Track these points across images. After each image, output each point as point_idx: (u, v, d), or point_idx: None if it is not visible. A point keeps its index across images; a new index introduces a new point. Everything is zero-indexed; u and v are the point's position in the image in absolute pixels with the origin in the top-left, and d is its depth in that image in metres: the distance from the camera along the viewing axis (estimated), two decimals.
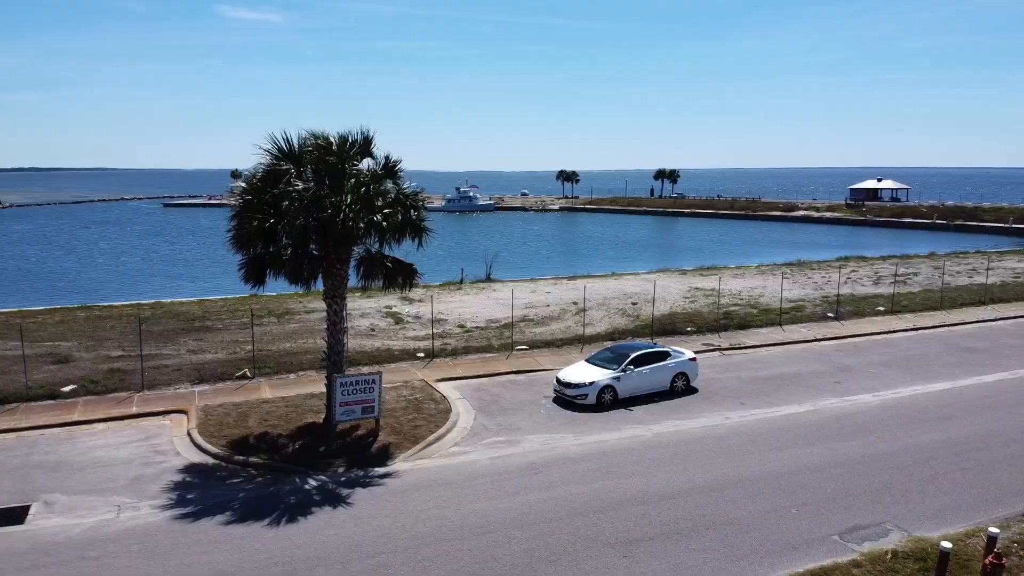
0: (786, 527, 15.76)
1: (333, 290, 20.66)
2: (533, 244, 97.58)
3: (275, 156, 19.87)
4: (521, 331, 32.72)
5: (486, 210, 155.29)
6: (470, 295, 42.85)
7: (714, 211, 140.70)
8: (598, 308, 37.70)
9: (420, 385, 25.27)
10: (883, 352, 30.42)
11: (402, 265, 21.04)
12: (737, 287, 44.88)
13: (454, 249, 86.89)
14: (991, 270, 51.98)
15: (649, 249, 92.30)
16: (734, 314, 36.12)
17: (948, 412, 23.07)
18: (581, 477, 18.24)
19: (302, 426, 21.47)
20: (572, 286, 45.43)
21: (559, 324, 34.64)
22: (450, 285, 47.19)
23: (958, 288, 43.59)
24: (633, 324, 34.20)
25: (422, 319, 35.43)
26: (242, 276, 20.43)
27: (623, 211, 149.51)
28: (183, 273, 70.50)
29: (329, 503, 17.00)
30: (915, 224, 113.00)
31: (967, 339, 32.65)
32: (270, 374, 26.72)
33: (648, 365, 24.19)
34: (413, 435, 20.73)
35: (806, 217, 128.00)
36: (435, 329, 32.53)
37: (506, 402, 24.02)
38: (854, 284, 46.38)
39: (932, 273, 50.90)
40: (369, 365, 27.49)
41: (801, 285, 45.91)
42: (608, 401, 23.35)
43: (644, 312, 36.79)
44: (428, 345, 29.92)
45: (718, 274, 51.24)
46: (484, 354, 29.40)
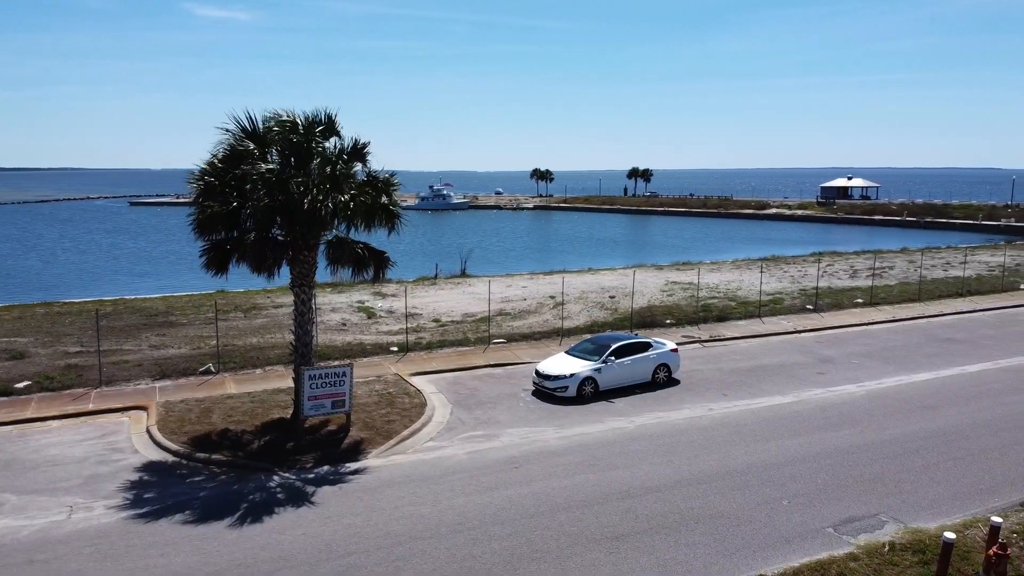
0: (778, 520, 15.07)
1: (300, 278, 19.62)
2: (508, 241, 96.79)
3: (238, 136, 18.79)
4: (498, 325, 31.88)
5: (460, 208, 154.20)
6: (445, 290, 41.92)
7: (687, 209, 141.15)
8: (576, 302, 36.96)
9: (393, 379, 24.28)
10: (864, 343, 30.03)
11: (373, 252, 20.04)
12: (714, 281, 44.43)
13: (427, 246, 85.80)
14: (965, 264, 52.19)
15: (623, 246, 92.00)
16: (713, 307, 35.60)
17: (934, 402, 22.63)
18: (563, 471, 17.41)
19: (268, 422, 20.41)
20: (548, 281, 44.67)
21: (537, 317, 33.84)
22: (424, 280, 46.21)
23: (934, 281, 43.55)
24: (612, 317, 33.49)
25: (395, 313, 34.43)
26: (203, 264, 19.30)
27: (597, 209, 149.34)
28: (148, 270, 68.61)
29: (296, 501, 16.00)
30: (885, 221, 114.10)
31: (947, 330, 32.40)
32: (235, 369, 25.58)
33: (629, 356, 23.46)
34: (386, 430, 19.76)
35: (778, 215, 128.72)
36: (409, 323, 31.54)
37: (483, 395, 23.14)
38: (831, 277, 46.17)
39: (907, 267, 50.99)
40: (340, 360, 26.44)
41: (778, 279, 45.61)
42: (589, 393, 22.57)
43: (622, 305, 36.12)
44: (402, 339, 28.94)
45: (695, 269, 50.85)
46: (460, 348, 28.50)
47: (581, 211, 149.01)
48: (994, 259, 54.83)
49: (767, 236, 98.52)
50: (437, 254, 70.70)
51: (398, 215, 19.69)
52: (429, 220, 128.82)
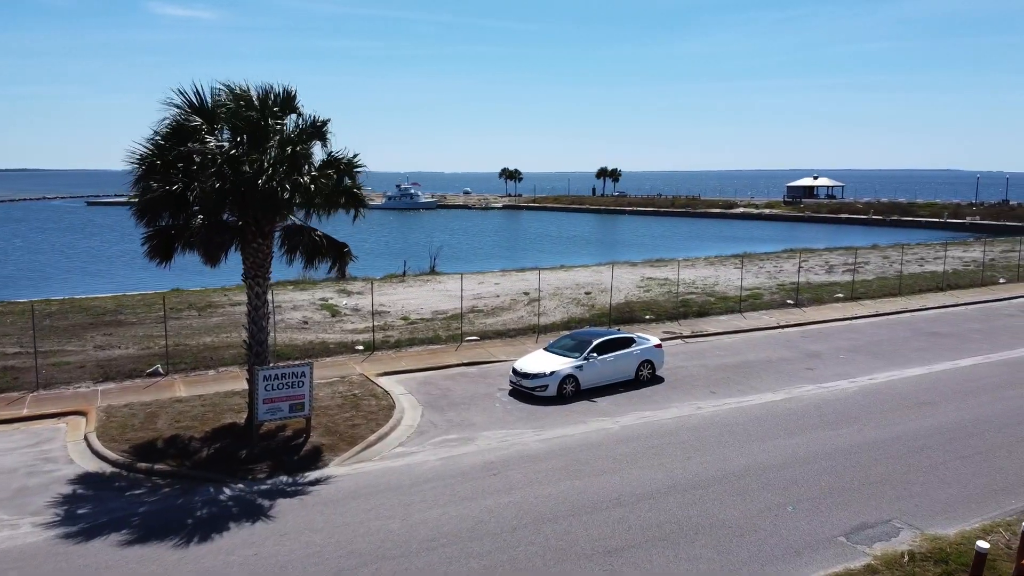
0: (785, 528, 13.71)
1: (254, 269, 17.84)
2: (477, 240, 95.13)
3: (184, 111, 16.95)
4: (470, 322, 30.26)
5: (428, 208, 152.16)
6: (414, 287, 40.18)
7: (655, 209, 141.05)
8: (551, 298, 35.48)
9: (359, 380, 22.53)
10: (849, 338, 28.98)
11: (332, 243, 18.32)
12: (690, 276, 43.30)
13: (394, 245, 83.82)
14: (939, 259, 51.83)
15: (594, 244, 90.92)
16: (692, 302, 34.38)
17: (930, 397, 21.54)
18: (546, 477, 15.88)
19: (220, 427, 18.58)
20: (521, 277, 43.16)
21: (511, 314, 32.29)
22: (392, 278, 44.40)
23: (912, 276, 42.88)
24: (589, 313, 32.07)
25: (361, 311, 32.64)
26: (145, 252, 17.43)
27: (566, 209, 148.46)
28: (102, 269, 65.73)
29: (248, 516, 14.26)
30: (852, 220, 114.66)
31: (932, 324, 31.54)
32: (186, 370, 23.63)
33: (612, 352, 22.01)
34: (350, 435, 18.05)
35: (745, 214, 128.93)
36: (376, 321, 29.79)
37: (457, 396, 21.51)
38: (807, 273, 45.29)
39: (883, 262, 50.41)
40: (301, 360, 24.61)
41: (754, 274, 44.60)
42: (570, 392, 21.08)
43: (599, 301, 34.75)
44: (368, 337, 27.18)
45: (669, 265, 49.73)
46: (431, 346, 26.83)
47: (551, 211, 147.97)
48: (967, 255, 54.57)
49: (735, 234, 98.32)
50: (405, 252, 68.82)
51: (362, 199, 18.03)
52: (396, 219, 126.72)
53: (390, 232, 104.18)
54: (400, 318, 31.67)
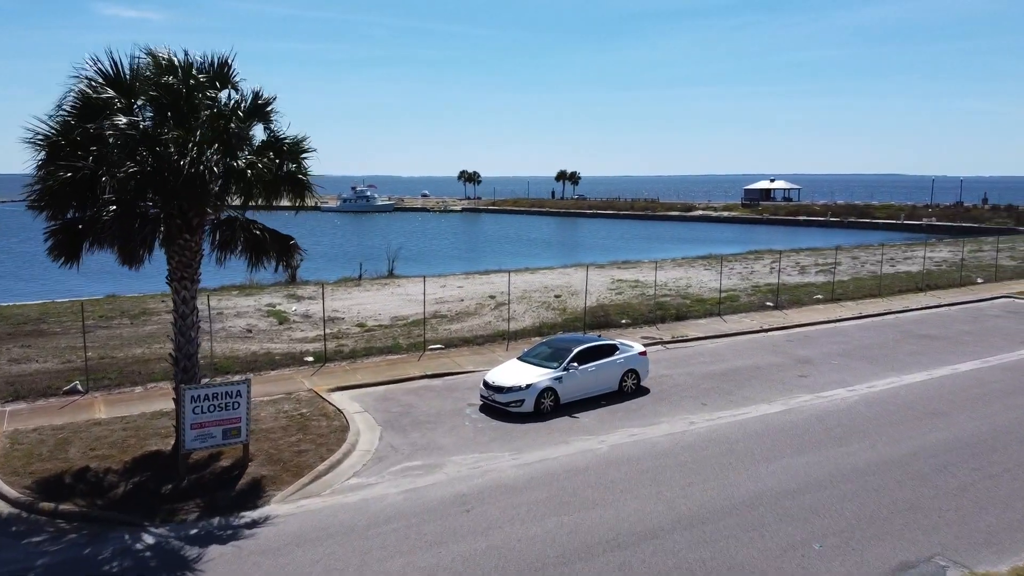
0: (816, 572, 11.59)
1: (180, 269, 15.18)
2: (436, 242, 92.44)
3: (96, 82, 14.23)
4: (433, 328, 27.79)
5: (384, 210, 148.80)
6: (370, 291, 37.53)
7: (615, 212, 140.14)
8: (519, 302, 33.17)
9: (308, 397, 19.89)
10: (838, 342, 27.27)
11: (276, 237, 15.75)
12: (661, 278, 41.37)
13: (350, 248, 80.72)
14: (910, 259, 50.97)
15: (555, 246, 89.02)
16: (668, 305, 32.41)
17: (939, 407, 19.78)
18: (529, 513, 13.52)
19: (142, 456, 15.85)
20: (486, 280, 40.82)
21: (477, 320, 29.88)
22: (347, 281, 41.64)
23: (888, 276, 41.63)
24: (561, 317, 29.84)
25: (312, 318, 29.93)
26: (48, 250, 14.67)
27: (526, 212, 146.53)
28: (36, 274, 61.42)
29: (171, 570, 11.65)
30: (810, 222, 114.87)
31: (919, 326, 30.05)
32: (110, 387, 20.74)
33: (594, 362, 19.78)
34: (296, 464, 15.47)
35: (704, 216, 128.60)
36: (329, 329, 27.15)
37: (421, 413, 19.04)
38: (780, 274, 43.81)
39: (853, 263, 49.30)
40: (242, 374, 21.89)
41: (727, 276, 42.87)
42: (549, 407, 18.78)
43: (571, 305, 32.58)
44: (320, 347, 24.51)
45: (638, 267, 47.91)
46: (390, 356, 24.27)
47: (510, 213, 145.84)
48: (936, 255, 53.87)
49: (696, 236, 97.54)
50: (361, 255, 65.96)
51: (309, 187, 15.45)
52: (351, 222, 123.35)
53: (345, 235, 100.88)
54: (356, 325, 29.07)
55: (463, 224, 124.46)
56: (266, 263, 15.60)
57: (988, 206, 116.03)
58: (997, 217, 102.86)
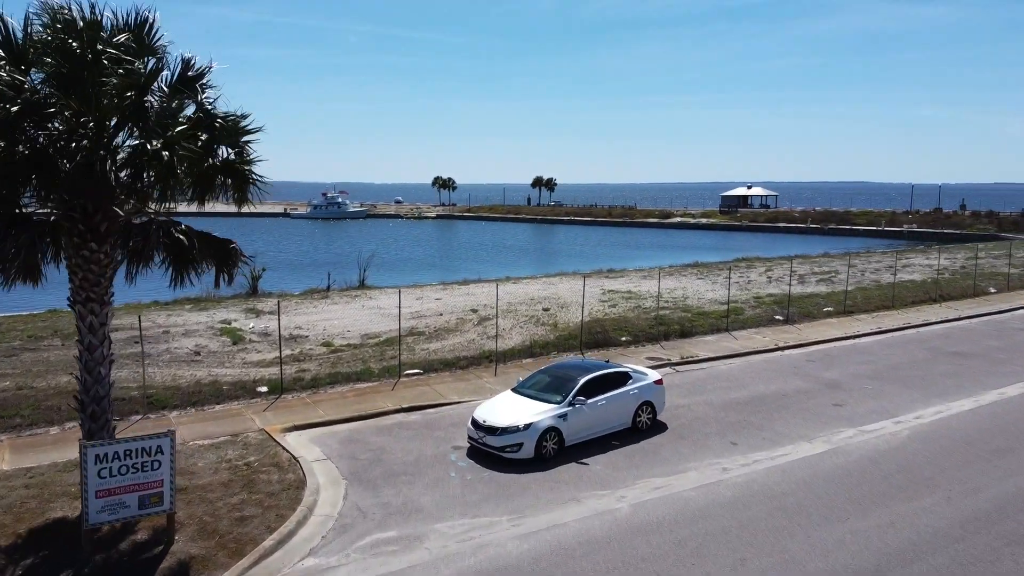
0: None
1: (86, 288, 11.71)
2: (412, 249, 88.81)
3: None
4: (410, 348, 24.44)
5: (356, 217, 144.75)
6: (339, 304, 34.03)
7: (592, 218, 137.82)
8: (504, 316, 29.90)
9: (258, 440, 16.41)
10: (863, 361, 24.41)
11: (210, 242, 12.35)
12: (654, 289, 38.38)
13: (319, 257, 76.83)
14: (908, 267, 48.61)
15: (534, 254, 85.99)
16: (669, 320, 29.35)
17: (1003, 442, 16.89)
18: None
19: (43, 526, 12.34)
20: (465, 291, 37.51)
21: (459, 337, 26.55)
22: (314, 293, 38.07)
23: (893, 286, 39.04)
24: (553, 335, 26.64)
25: (272, 336, 26.42)
26: None
27: (502, 218, 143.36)
28: None
29: None
30: (789, 228, 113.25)
31: (946, 342, 27.32)
32: (20, 427, 17.13)
33: (604, 394, 16.58)
34: (236, 538, 12.03)
35: (682, 223, 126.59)
36: (291, 349, 23.71)
37: (395, 461, 15.67)
38: (779, 283, 41.11)
39: (852, 272, 46.69)
40: (182, 409, 18.35)
41: (722, 286, 40.02)
42: (552, 451, 15.54)
43: (562, 319, 29.39)
44: (277, 373, 21.04)
45: (625, 276, 44.95)
46: (359, 384, 20.86)
47: (486, 220, 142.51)
48: (929, 262, 51.60)
49: (676, 243, 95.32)
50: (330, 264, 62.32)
51: (251, 179, 12.06)
52: (322, 229, 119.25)
53: (314, 242, 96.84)
54: (321, 344, 25.62)
55: (438, 231, 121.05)
56: (195, 275, 12.18)
57: (968, 212, 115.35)
58: (978, 223, 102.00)
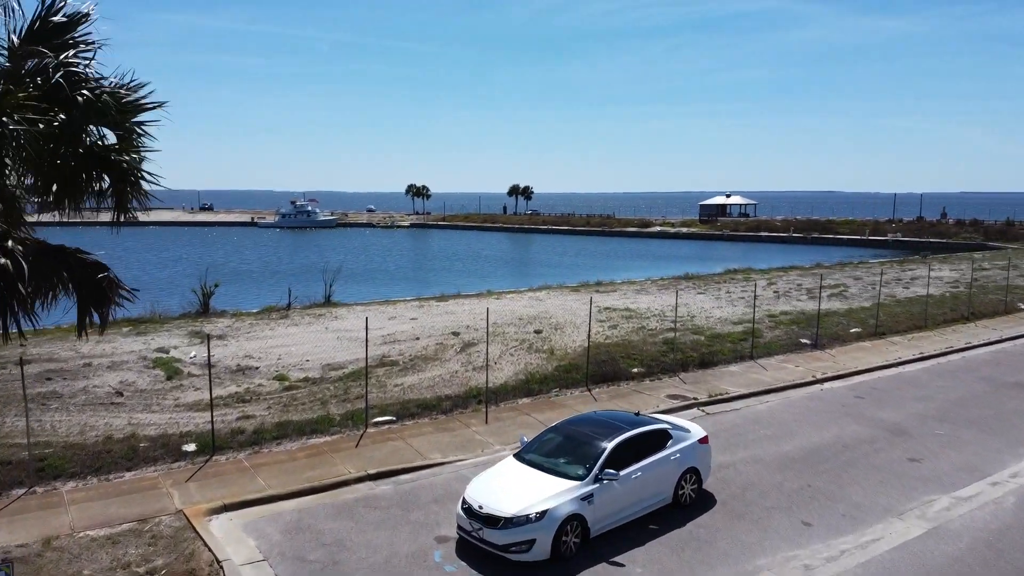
0: None
1: None
2: (384, 260, 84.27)
3: None
4: (380, 384, 20.23)
5: (326, 226, 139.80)
6: (300, 326, 29.67)
7: (570, 227, 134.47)
8: (491, 340, 25.75)
9: (171, 530, 12.05)
10: (919, 397, 20.67)
11: (72, 264, 8.12)
12: (653, 305, 34.59)
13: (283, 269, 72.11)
14: (917, 279, 45.34)
15: (514, 264, 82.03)
16: (681, 344, 25.42)
17: None
18: None
19: None
20: (444, 309, 33.35)
21: (439, 368, 22.36)
22: (272, 312, 33.66)
23: (913, 301, 35.64)
24: (551, 364, 22.55)
25: (217, 367, 22.06)
26: None
27: (478, 227, 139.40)
28: None
29: None
30: (772, 238, 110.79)
31: (1000, 370, 23.72)
32: None
33: (639, 462, 12.48)
34: None
35: (662, 233, 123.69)
36: (239, 385, 19.42)
37: (358, 564, 11.44)
38: (788, 299, 37.50)
39: (858, 284, 43.32)
40: (82, 478, 13.96)
41: (728, 302, 36.39)
42: (573, 547, 11.43)
43: (558, 343, 25.33)
44: (210, 421, 16.67)
45: (617, 290, 41.11)
46: (314, 437, 16.56)
47: (461, 229, 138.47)
48: (936, 274, 48.43)
49: (657, 252, 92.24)
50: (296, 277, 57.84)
51: (139, 171, 7.85)
52: (290, 238, 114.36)
53: (279, 253, 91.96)
54: (274, 377, 21.33)
55: (412, 240, 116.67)
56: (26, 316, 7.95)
57: (952, 221, 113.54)
58: (963, 232, 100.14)
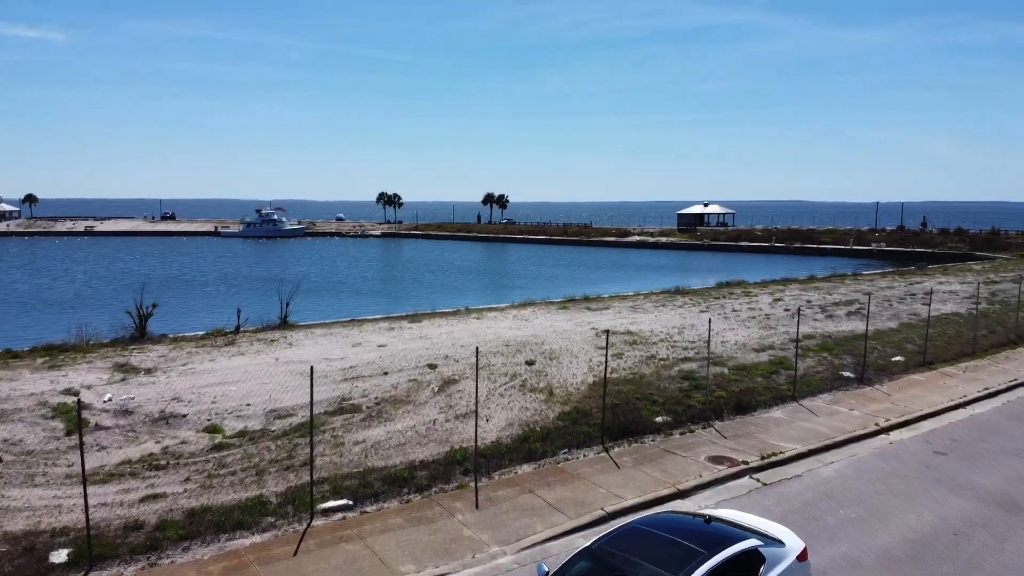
0: None
1: None
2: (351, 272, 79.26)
3: None
4: (337, 442, 15.69)
5: (293, 235, 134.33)
6: (247, 355, 24.95)
7: (547, 237, 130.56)
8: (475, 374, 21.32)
9: None
10: (1008, 451, 16.66)
11: None
12: (655, 327, 30.42)
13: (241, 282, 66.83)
14: (934, 293, 41.78)
15: (491, 276, 77.68)
16: (698, 377, 21.17)
17: None
18: None
19: None
20: (418, 332, 28.82)
21: (411, 417, 17.82)
22: (219, 336, 28.88)
23: (943, 320, 31.89)
24: (553, 411, 18.13)
25: (137, 414, 17.42)
26: None
27: (452, 237, 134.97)
28: None
29: None
30: (753, 247, 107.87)
31: None
32: None
33: None
34: None
35: (641, 243, 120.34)
36: (157, 440, 14.79)
37: None
38: (803, 318, 33.53)
39: (880, 302, 39.55)
40: None
41: (739, 322, 32.33)
42: None
43: (555, 379, 20.93)
44: (108, 501, 12.06)
45: (610, 306, 36.97)
46: (238, 538, 11.94)
47: (435, 239, 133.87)
48: (948, 288, 44.99)
49: (639, 263, 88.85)
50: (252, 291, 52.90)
51: None
52: (254, 249, 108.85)
53: (240, 264, 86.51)
54: (204, 430, 16.75)
55: (382, 250, 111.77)
56: None
57: (935, 230, 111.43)
58: (949, 242, 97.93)
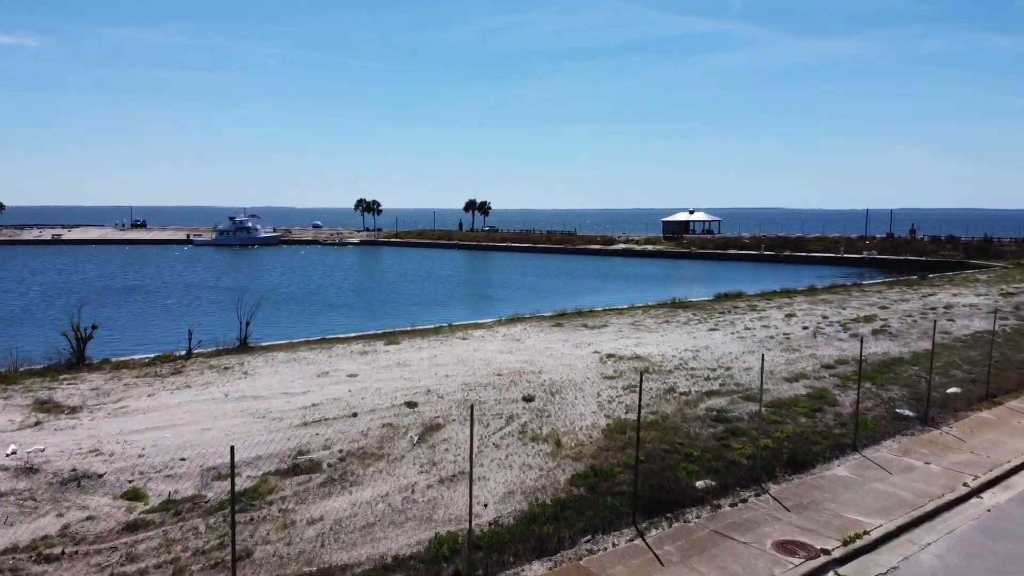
0: None
1: None
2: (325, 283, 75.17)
3: None
4: (285, 519, 11.93)
5: (268, 243, 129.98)
6: (194, 387, 21.05)
7: (531, 244, 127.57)
8: (463, 419, 17.58)
9: None
10: None
11: None
12: (665, 349, 26.92)
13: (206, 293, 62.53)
14: (951, 308, 38.72)
15: (474, 285, 74.08)
16: (733, 419, 17.64)
17: None
18: None
19: None
20: (396, 357, 25.02)
21: (384, 481, 14.00)
22: (166, 362, 24.92)
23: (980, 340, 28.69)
24: (563, 469, 14.44)
25: (41, 473, 13.59)
26: None
27: (433, 244, 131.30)
28: None
29: None
30: (742, 255, 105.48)
31: None
32: None
33: None
34: None
35: (627, 250, 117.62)
36: (60, 512, 10.92)
37: None
38: (825, 338, 30.21)
39: (902, 317, 36.36)
40: None
41: (756, 342, 28.88)
42: None
43: (562, 425, 17.25)
44: None
45: (607, 322, 33.51)
46: None
47: (415, 246, 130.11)
48: (963, 300, 41.99)
49: (626, 272, 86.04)
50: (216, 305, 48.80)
51: None
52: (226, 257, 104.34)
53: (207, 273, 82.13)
54: (122, 495, 12.98)
55: (360, 259, 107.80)
56: None
57: (927, 238, 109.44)
58: (941, 250, 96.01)
